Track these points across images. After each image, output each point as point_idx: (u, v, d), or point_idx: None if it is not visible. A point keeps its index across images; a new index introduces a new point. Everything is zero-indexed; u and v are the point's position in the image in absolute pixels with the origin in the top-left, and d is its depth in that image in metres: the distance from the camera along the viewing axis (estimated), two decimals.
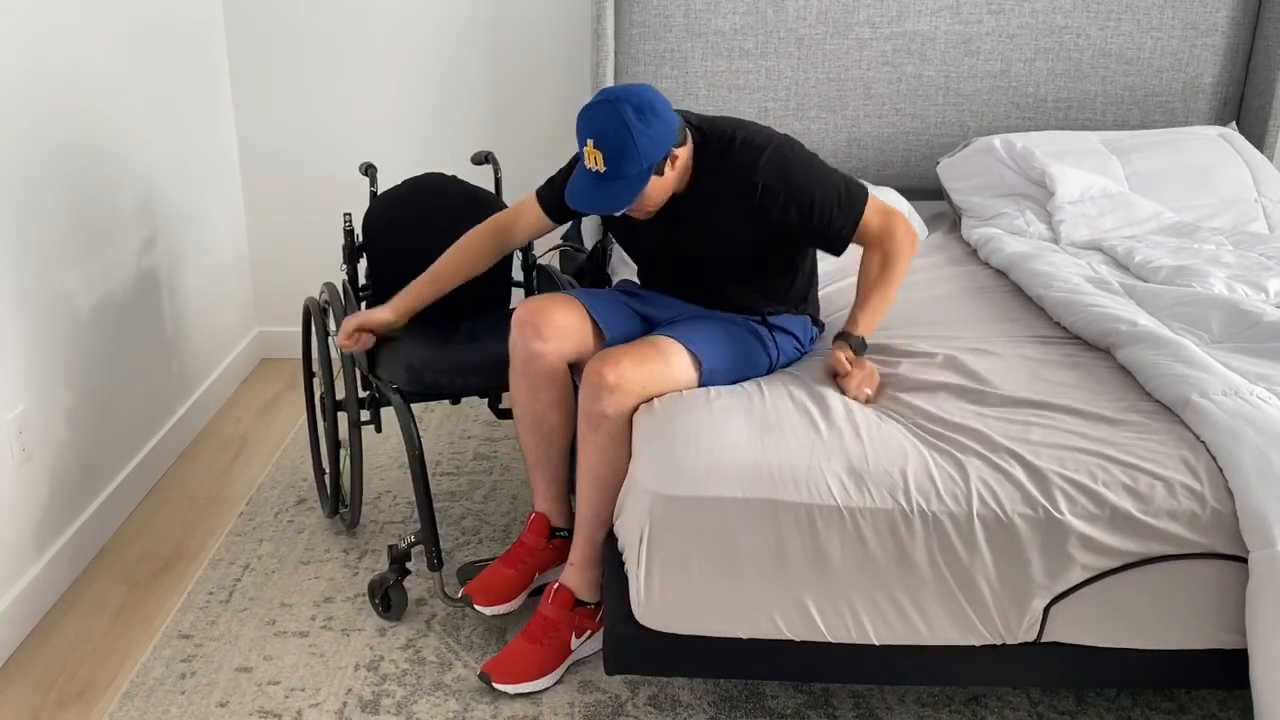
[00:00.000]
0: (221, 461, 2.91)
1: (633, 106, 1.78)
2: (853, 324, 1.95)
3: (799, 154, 1.94)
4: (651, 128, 1.79)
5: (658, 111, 1.80)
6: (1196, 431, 1.68)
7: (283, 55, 3.31)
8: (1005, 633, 1.64)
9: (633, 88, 1.82)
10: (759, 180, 1.88)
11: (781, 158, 1.90)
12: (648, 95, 1.81)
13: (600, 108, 1.79)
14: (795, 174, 1.90)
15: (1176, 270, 2.34)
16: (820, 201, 1.90)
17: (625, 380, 1.82)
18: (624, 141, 1.77)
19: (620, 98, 1.79)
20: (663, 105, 1.82)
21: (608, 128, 1.78)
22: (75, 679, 2.03)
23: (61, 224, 2.33)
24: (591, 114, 1.80)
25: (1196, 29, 3.15)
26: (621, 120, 1.77)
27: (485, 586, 2.07)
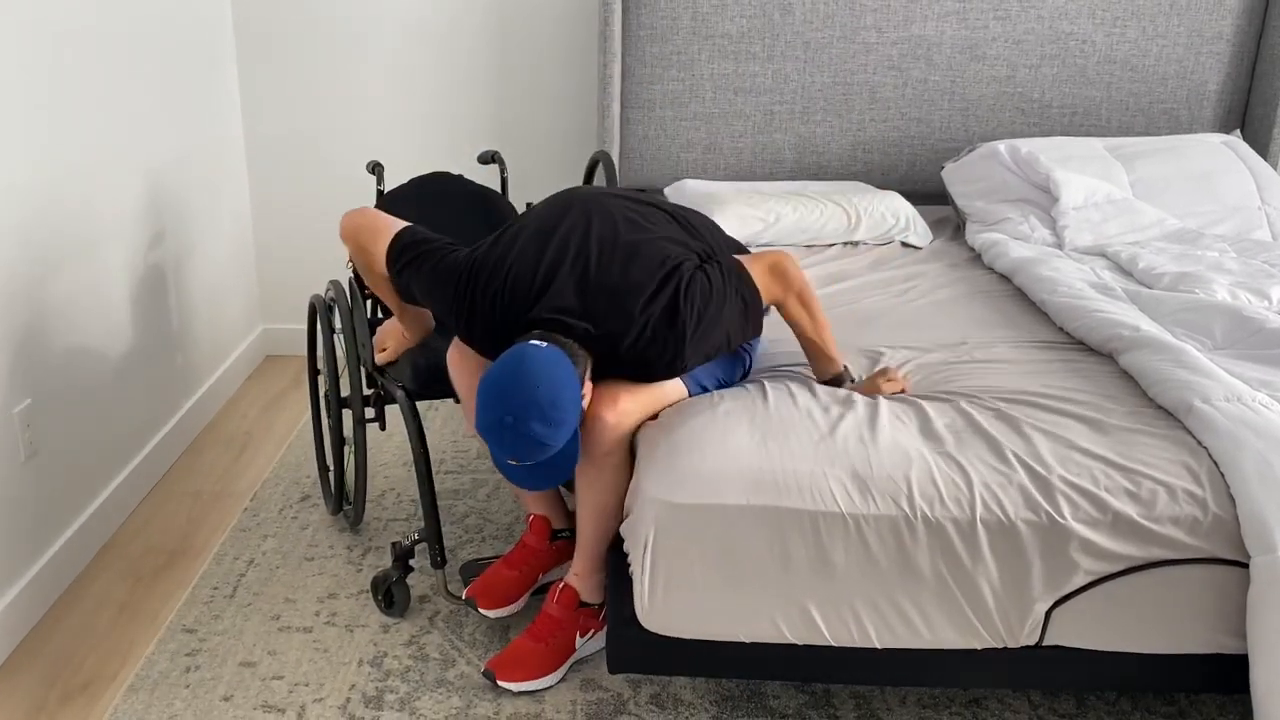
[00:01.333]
0: (226, 457, 2.92)
1: (538, 419, 1.59)
2: (832, 366, 1.91)
3: (704, 322, 1.74)
4: (564, 420, 1.62)
5: (561, 402, 1.61)
6: (1199, 437, 1.69)
7: (290, 53, 3.32)
8: (1007, 636, 1.65)
9: (525, 389, 1.59)
10: (679, 362, 1.76)
11: (696, 345, 1.74)
12: (548, 389, 1.60)
13: (506, 434, 1.60)
14: (711, 348, 1.78)
15: (1180, 276, 2.35)
16: (735, 336, 1.81)
17: (624, 416, 1.79)
18: (541, 449, 1.63)
19: (521, 415, 1.59)
20: (563, 385, 1.61)
21: (520, 448, 1.62)
22: (80, 673, 2.04)
23: (68, 219, 2.34)
24: (498, 440, 1.62)
25: (1202, 36, 3.16)
26: (533, 439, 1.60)
27: (488, 589, 2.08)
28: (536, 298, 1.75)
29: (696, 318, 1.73)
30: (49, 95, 2.24)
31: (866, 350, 2.09)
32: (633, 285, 1.73)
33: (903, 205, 2.87)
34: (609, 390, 1.81)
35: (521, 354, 1.63)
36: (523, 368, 1.61)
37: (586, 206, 1.84)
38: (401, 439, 2.99)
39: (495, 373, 1.63)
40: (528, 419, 1.59)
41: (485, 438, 1.64)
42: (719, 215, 2.78)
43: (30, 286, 2.18)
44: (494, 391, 1.61)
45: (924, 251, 2.81)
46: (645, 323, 1.73)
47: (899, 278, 2.57)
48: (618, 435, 1.79)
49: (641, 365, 1.78)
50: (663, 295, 1.73)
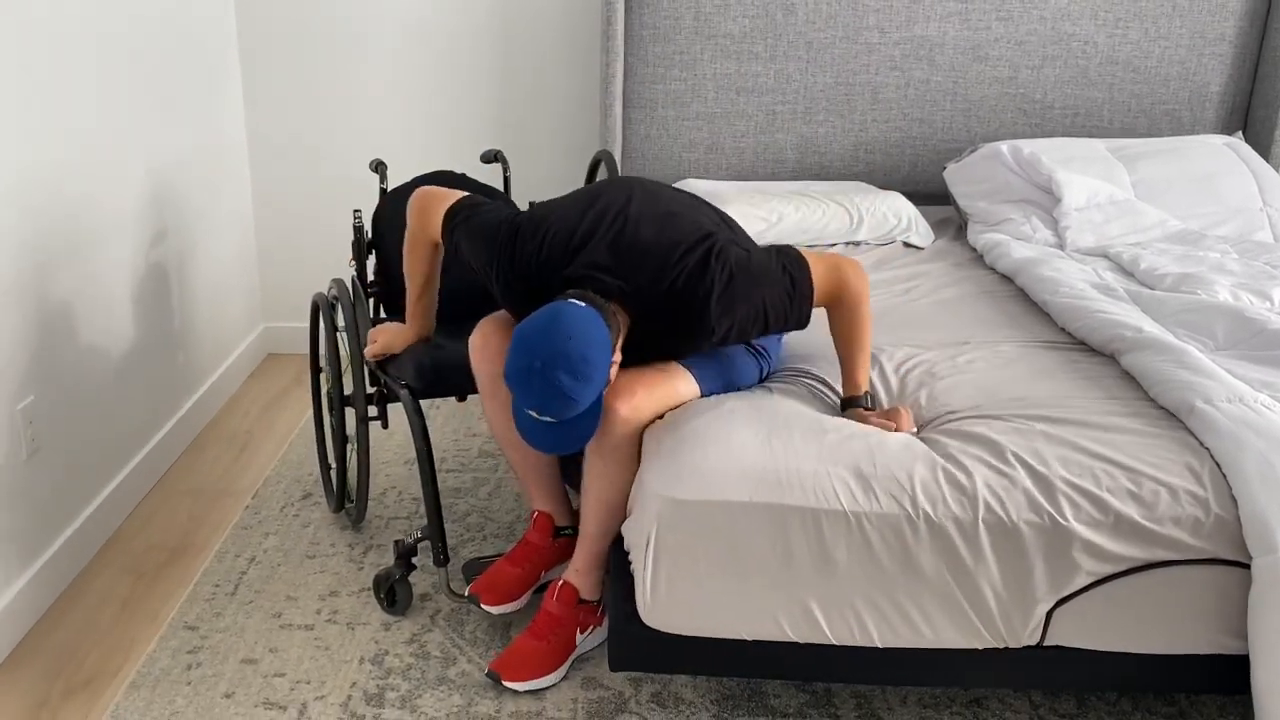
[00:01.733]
0: (228, 455, 2.92)
1: (566, 370, 1.60)
2: (853, 386, 1.87)
3: (737, 277, 1.75)
4: (592, 377, 1.63)
5: (591, 358, 1.62)
6: (1200, 438, 1.69)
7: (294, 52, 3.32)
8: (1008, 636, 1.65)
9: (557, 340, 1.61)
10: (709, 324, 1.76)
11: (725, 297, 1.74)
12: (579, 344, 1.61)
13: (534, 380, 1.61)
14: (744, 306, 1.76)
15: (1182, 277, 2.35)
16: (774, 314, 1.79)
17: (638, 411, 1.80)
18: (566, 404, 1.63)
19: (549, 363, 1.60)
20: (595, 343, 1.63)
21: (546, 399, 1.62)
22: (82, 669, 2.04)
23: (71, 218, 2.34)
24: (525, 387, 1.63)
25: (1204, 38, 3.16)
26: (558, 389, 1.61)
27: (492, 585, 2.08)
28: (573, 255, 1.78)
29: (728, 276, 1.74)
30: (52, 94, 2.25)
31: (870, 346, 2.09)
32: (667, 243, 1.76)
33: (905, 205, 2.88)
34: (625, 384, 1.82)
35: (558, 308, 1.66)
36: (558, 320, 1.63)
37: (630, 182, 1.90)
38: (403, 437, 2.99)
39: (530, 323, 1.65)
40: (555, 369, 1.60)
41: (511, 386, 1.65)
42: None
43: (33, 284, 2.18)
44: (527, 340, 1.63)
45: (926, 252, 2.81)
46: (677, 275, 1.74)
47: (901, 278, 2.57)
48: (629, 429, 1.80)
49: (671, 325, 1.78)
50: (696, 252, 1.75)
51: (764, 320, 1.80)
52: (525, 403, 1.65)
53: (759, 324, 1.80)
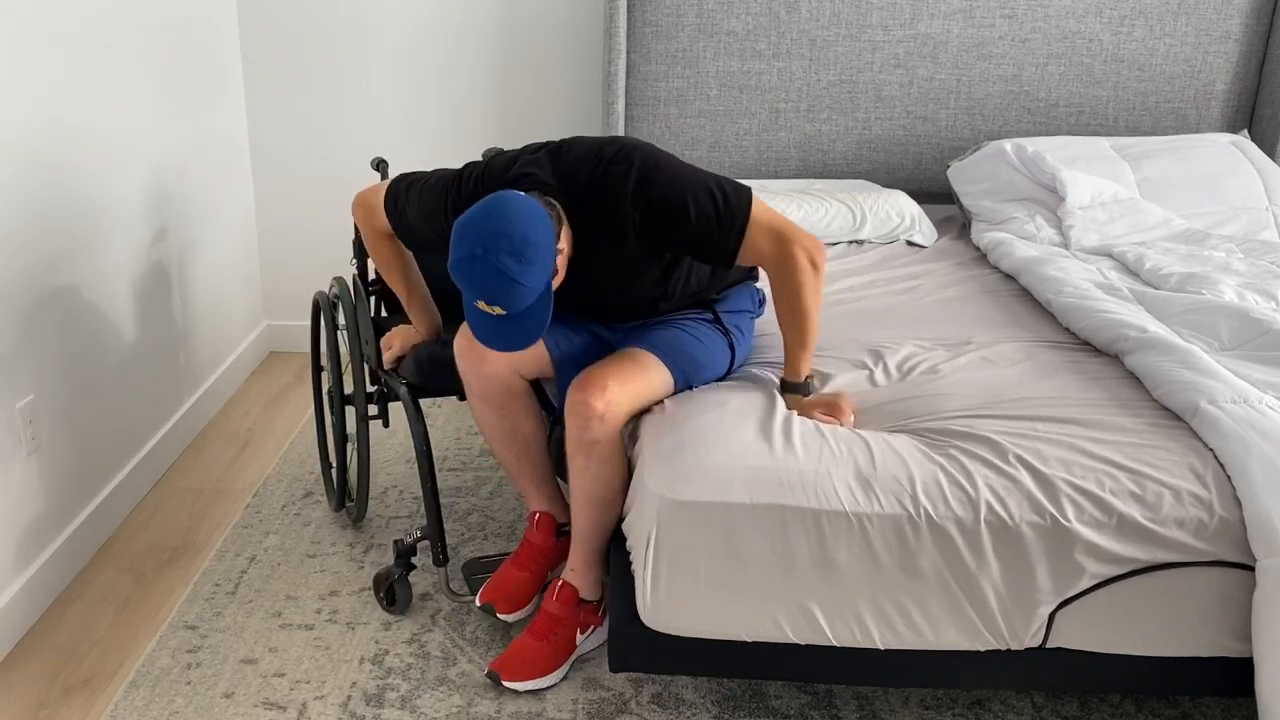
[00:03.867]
0: (228, 454, 2.91)
1: (508, 253, 1.60)
2: (793, 371, 1.84)
3: (662, 167, 1.77)
4: (535, 260, 1.63)
5: (533, 240, 1.62)
6: (1205, 439, 1.68)
7: (296, 51, 3.31)
8: (1010, 638, 1.64)
9: (497, 222, 1.61)
10: (631, 212, 1.76)
11: (645, 180, 1.76)
12: (520, 226, 1.62)
13: (476, 266, 1.61)
14: (663, 191, 1.76)
15: (1186, 277, 2.34)
16: (698, 219, 1.76)
17: (613, 406, 1.79)
18: (513, 289, 1.62)
19: (491, 246, 1.60)
20: (536, 224, 1.64)
21: (491, 285, 1.62)
22: (81, 668, 2.04)
23: (72, 216, 2.34)
24: (469, 275, 1.62)
25: (1210, 36, 3.14)
26: (502, 273, 1.60)
27: (503, 593, 2.07)
28: (510, 166, 1.83)
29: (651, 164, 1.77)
30: (54, 92, 2.24)
31: (871, 346, 2.09)
32: (597, 146, 1.81)
33: (908, 204, 2.86)
34: (596, 378, 1.81)
35: (495, 196, 1.68)
36: (497, 204, 1.65)
37: None
38: (404, 436, 2.99)
39: (469, 213, 1.66)
40: (498, 251, 1.60)
41: (457, 277, 1.64)
42: None
43: (34, 282, 2.18)
44: (468, 226, 1.63)
45: (929, 250, 2.80)
46: (601, 163, 1.78)
47: (904, 276, 2.56)
48: (607, 425, 1.79)
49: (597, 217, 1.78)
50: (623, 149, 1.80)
51: (686, 221, 1.75)
52: (472, 293, 1.65)
53: (681, 224, 1.76)
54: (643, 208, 1.77)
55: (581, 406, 1.79)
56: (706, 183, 1.78)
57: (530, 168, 1.80)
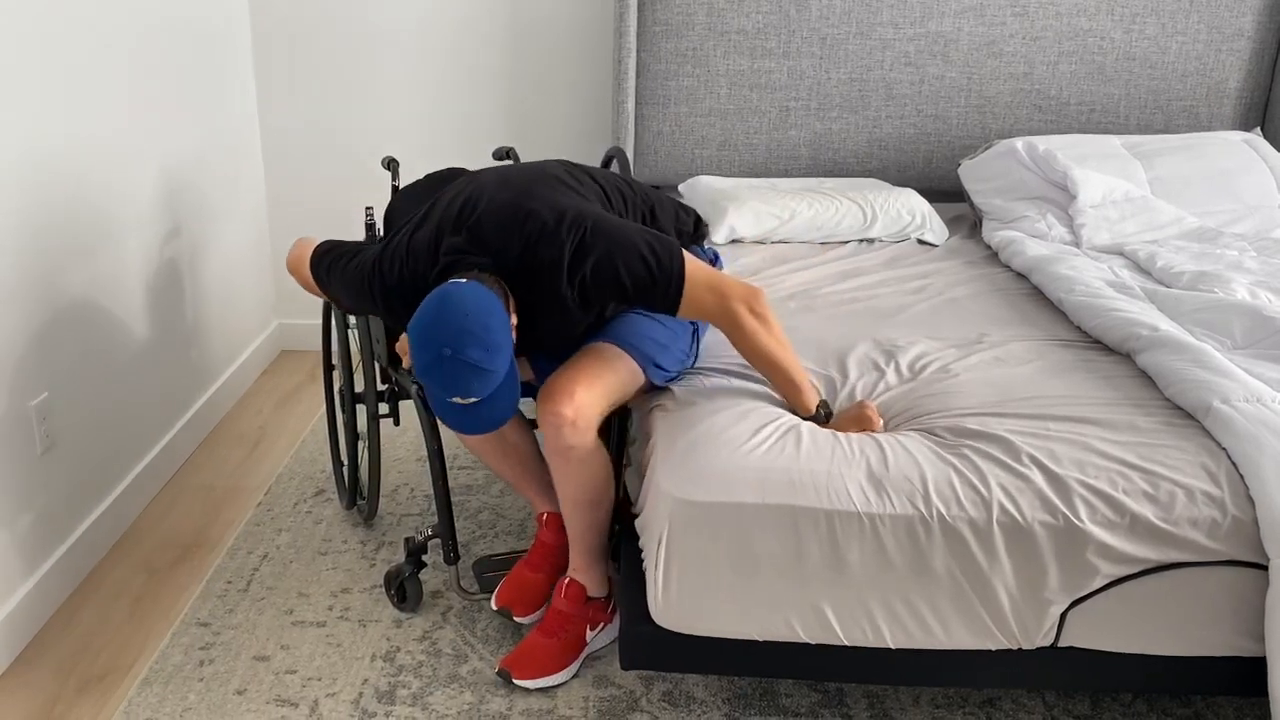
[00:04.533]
0: (240, 452, 2.93)
1: (474, 345, 1.59)
2: (804, 410, 1.80)
3: (589, 240, 1.73)
4: (500, 344, 1.62)
5: (492, 326, 1.61)
6: (1217, 438, 1.68)
7: (307, 49, 3.32)
8: (1022, 638, 1.64)
9: (454, 319, 1.59)
10: (567, 290, 1.75)
11: (576, 259, 1.72)
12: (479, 317, 1.60)
13: (446, 367, 1.59)
14: (596, 266, 1.72)
15: (1198, 276, 2.33)
16: (633, 282, 1.73)
17: (583, 410, 1.78)
18: (485, 378, 1.62)
19: (457, 345, 1.58)
20: (493, 310, 1.63)
21: (465, 380, 1.61)
22: (95, 664, 2.05)
23: (85, 214, 2.35)
24: (441, 377, 1.61)
25: (1222, 34, 3.13)
26: (473, 367, 1.60)
27: (519, 596, 2.07)
28: (434, 253, 1.79)
29: (580, 235, 1.72)
30: (67, 92, 2.25)
31: (882, 345, 2.09)
32: (519, 213, 1.75)
33: (919, 202, 2.86)
34: (563, 384, 1.79)
35: (440, 292, 1.65)
36: (446, 301, 1.62)
37: (478, 176, 1.88)
38: (415, 434, 3.00)
39: (421, 317, 1.63)
40: (464, 346, 1.59)
41: (426, 381, 1.63)
42: (734, 212, 2.77)
43: (47, 281, 2.19)
44: (425, 330, 1.61)
45: (940, 249, 2.80)
46: (529, 238, 1.73)
47: (915, 275, 2.56)
48: (580, 429, 1.78)
49: (534, 291, 1.75)
50: (548, 218, 1.73)
51: (624, 290, 1.74)
52: (446, 392, 1.63)
53: (619, 292, 1.74)
54: (579, 287, 1.75)
55: (552, 416, 1.78)
56: (637, 245, 1.73)
57: (455, 254, 1.75)
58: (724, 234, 2.76)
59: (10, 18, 2.04)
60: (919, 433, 1.76)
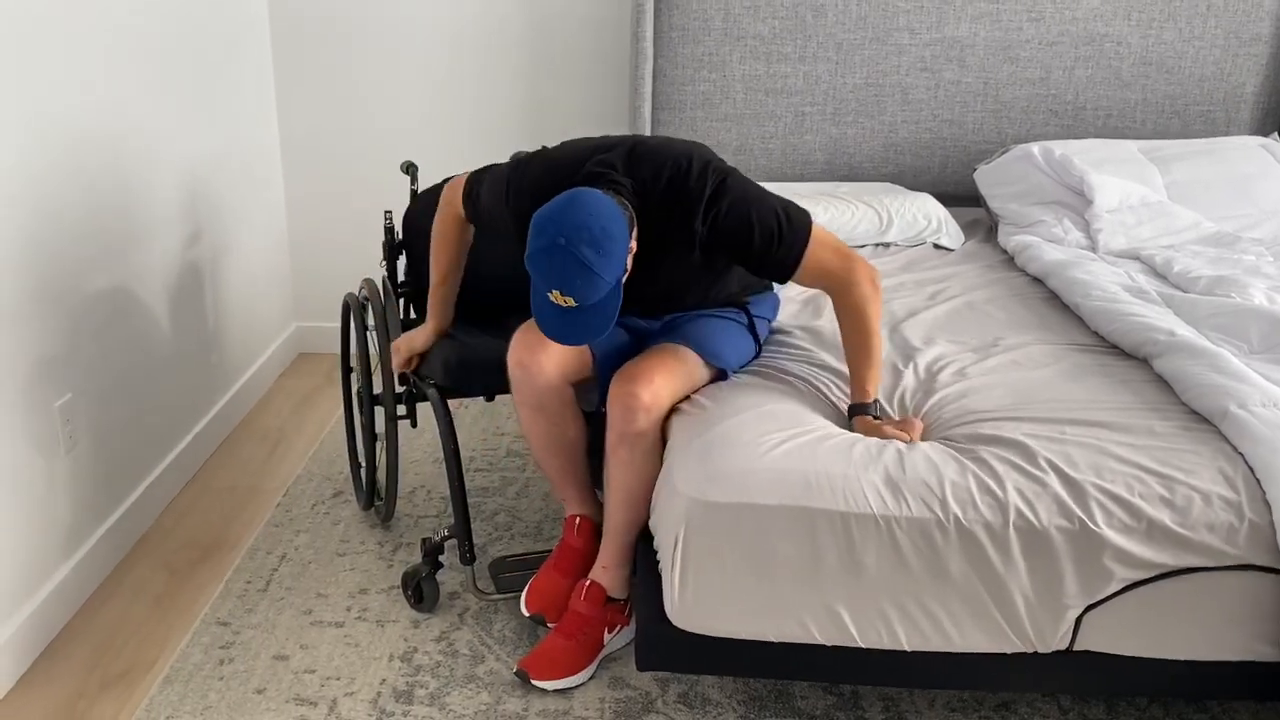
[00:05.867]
0: (260, 453, 2.95)
1: (588, 244, 1.63)
2: (861, 393, 1.84)
3: (734, 187, 1.82)
4: (613, 253, 1.65)
5: (612, 233, 1.65)
6: (1234, 443, 1.68)
7: (326, 55, 3.35)
8: (1037, 642, 1.64)
9: (578, 215, 1.64)
10: (699, 227, 1.81)
11: (716, 197, 1.80)
12: (600, 219, 1.65)
13: (556, 256, 1.63)
14: (731, 208, 1.80)
15: (1216, 280, 2.33)
16: (761, 235, 1.81)
17: (659, 398, 1.83)
18: (590, 280, 1.64)
19: (572, 238, 1.62)
20: (615, 220, 1.67)
21: (570, 275, 1.63)
22: (117, 662, 2.07)
23: (109, 218, 2.38)
24: (548, 264, 1.64)
25: (1239, 38, 3.12)
26: (581, 263, 1.63)
27: (551, 601, 2.07)
28: (581, 163, 1.85)
29: (721, 179, 1.81)
30: (88, 96, 2.28)
31: (900, 349, 2.09)
32: (674, 153, 1.84)
33: (935, 207, 2.86)
34: (643, 370, 1.85)
35: (575, 191, 1.69)
36: (577, 198, 1.67)
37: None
38: (432, 436, 3.01)
39: (549, 206, 1.68)
40: (579, 242, 1.62)
41: (535, 267, 1.66)
42: None
43: (71, 284, 2.22)
44: (549, 218, 1.65)
45: (956, 253, 2.80)
46: (676, 172, 1.82)
47: (931, 279, 2.56)
48: (653, 416, 1.83)
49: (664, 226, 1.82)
50: (697, 162, 1.83)
51: (751, 239, 1.81)
52: (548, 283, 1.65)
53: (745, 241, 1.81)
54: (710, 223, 1.81)
55: (629, 398, 1.82)
56: (771, 202, 1.83)
57: (603, 167, 1.82)
58: None
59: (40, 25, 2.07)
60: (936, 437, 1.77)
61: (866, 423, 1.80)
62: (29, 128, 2.05)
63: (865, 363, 1.85)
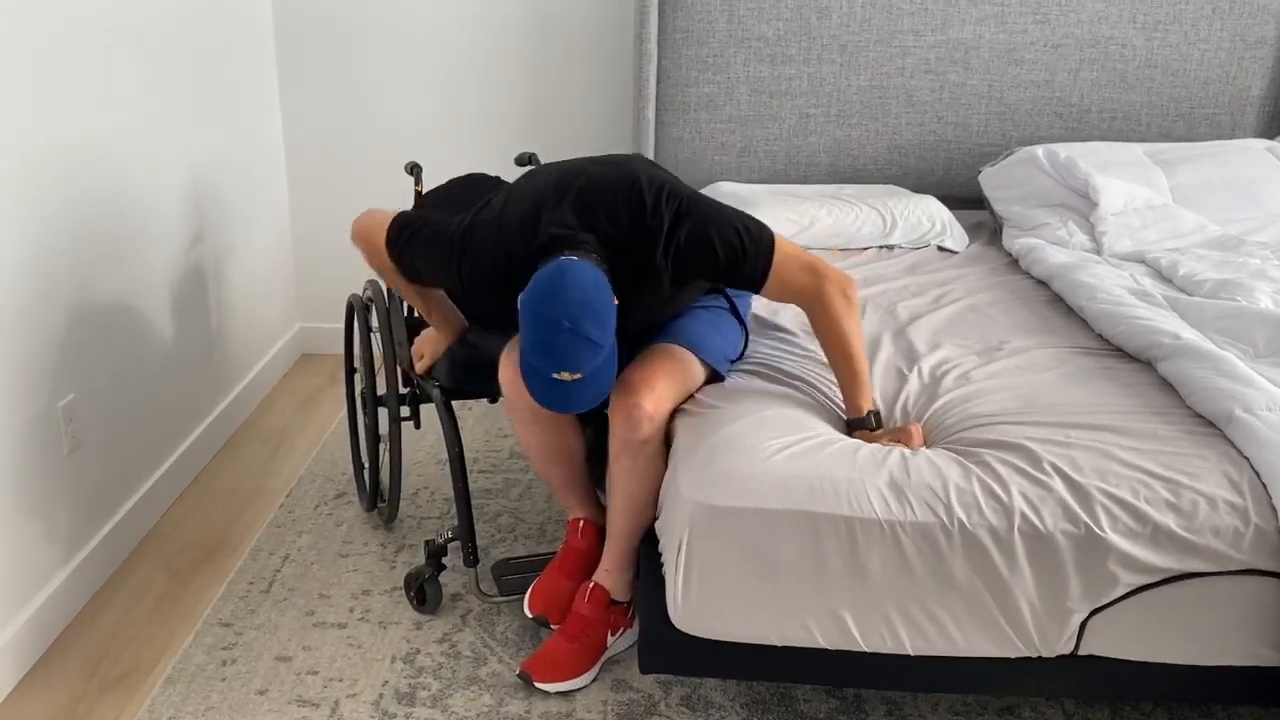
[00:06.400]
0: (262, 454, 2.95)
1: (590, 320, 1.61)
2: (854, 409, 1.82)
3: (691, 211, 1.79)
4: (610, 318, 1.65)
5: (605, 300, 1.65)
6: (1240, 447, 1.67)
7: (330, 55, 3.35)
8: (1042, 646, 1.64)
9: (574, 293, 1.61)
10: (662, 262, 1.79)
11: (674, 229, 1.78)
12: (594, 291, 1.63)
13: (563, 340, 1.60)
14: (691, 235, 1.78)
15: (1221, 284, 2.32)
16: (725, 253, 1.78)
17: (661, 404, 1.83)
18: (595, 353, 1.63)
19: (576, 319, 1.60)
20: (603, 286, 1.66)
21: (579, 354, 1.61)
22: (118, 664, 2.07)
23: (110, 219, 2.38)
24: (556, 351, 1.61)
25: (1245, 41, 3.12)
26: (589, 342, 1.61)
27: (555, 604, 2.06)
28: (535, 225, 1.78)
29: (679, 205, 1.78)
30: (92, 97, 2.28)
31: (903, 352, 2.09)
32: (622, 184, 1.79)
33: (939, 209, 2.86)
34: (643, 378, 1.83)
35: (558, 266, 1.65)
36: (565, 275, 1.63)
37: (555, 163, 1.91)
38: (436, 438, 3.01)
39: (536, 292, 1.63)
40: (582, 321, 1.60)
41: (538, 356, 1.62)
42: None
43: (74, 284, 2.22)
44: (544, 303, 1.61)
45: (960, 256, 2.79)
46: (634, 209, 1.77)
47: (935, 282, 2.56)
48: (656, 423, 1.82)
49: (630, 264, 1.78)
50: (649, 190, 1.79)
51: (716, 260, 1.78)
52: (555, 367, 1.62)
53: (711, 263, 1.78)
54: (674, 254, 1.79)
55: (632, 409, 1.81)
56: (730, 219, 1.80)
57: (560, 228, 1.76)
58: None
59: (43, 25, 2.07)
60: (940, 440, 1.76)
61: (865, 435, 1.79)
62: (33, 129, 2.05)
63: (852, 380, 1.82)
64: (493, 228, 1.82)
